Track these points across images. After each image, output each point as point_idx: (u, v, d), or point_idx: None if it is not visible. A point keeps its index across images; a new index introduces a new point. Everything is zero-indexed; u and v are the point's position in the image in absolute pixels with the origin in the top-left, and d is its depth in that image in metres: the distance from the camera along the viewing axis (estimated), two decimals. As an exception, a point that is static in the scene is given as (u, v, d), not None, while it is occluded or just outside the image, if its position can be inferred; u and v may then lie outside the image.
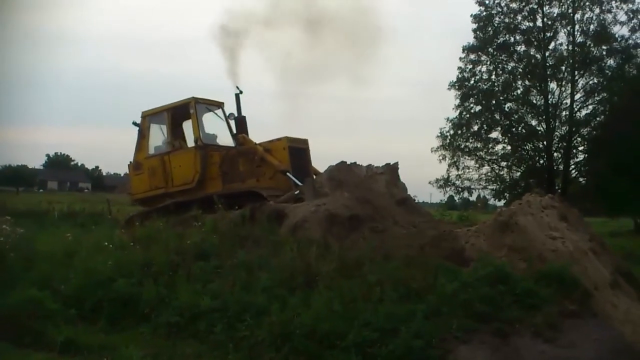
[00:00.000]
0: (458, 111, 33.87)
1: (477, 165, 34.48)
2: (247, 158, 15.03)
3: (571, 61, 32.37)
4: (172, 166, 15.61)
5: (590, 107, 33.55)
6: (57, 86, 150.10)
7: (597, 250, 9.97)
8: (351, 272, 8.87)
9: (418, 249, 9.58)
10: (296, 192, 12.87)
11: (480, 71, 34.08)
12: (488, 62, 34.03)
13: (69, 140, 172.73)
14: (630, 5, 31.98)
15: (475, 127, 34.15)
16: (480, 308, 7.71)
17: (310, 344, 7.26)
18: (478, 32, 33.52)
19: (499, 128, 34.28)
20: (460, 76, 33.96)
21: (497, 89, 33.80)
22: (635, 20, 32.13)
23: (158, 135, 16.58)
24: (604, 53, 32.76)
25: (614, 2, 32.14)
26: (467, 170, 34.38)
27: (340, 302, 7.88)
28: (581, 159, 34.52)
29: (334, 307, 7.77)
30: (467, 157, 34.30)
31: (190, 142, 16.00)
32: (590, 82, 33.33)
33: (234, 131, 16.17)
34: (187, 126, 16.35)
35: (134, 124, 16.23)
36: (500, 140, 34.48)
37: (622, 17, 32.28)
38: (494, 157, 34.50)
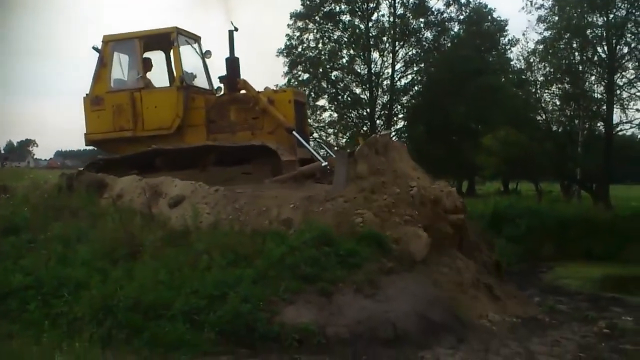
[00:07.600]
0: (287, 78, 34.38)
1: (305, 133, 35.21)
2: (243, 107, 12.80)
3: (392, 32, 33.96)
4: (143, 106, 12.99)
5: (410, 76, 35.72)
6: None
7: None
8: (178, 241, 8.67)
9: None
10: (324, 164, 11.18)
11: (307, 39, 34.76)
12: (315, 31, 34.75)
13: None
14: (446, -20, 34.24)
15: (304, 95, 34.83)
16: (306, 270, 7.90)
17: (135, 316, 7.00)
18: (305, 0, 34.00)
19: (326, 96, 35.30)
20: (288, 43, 34.41)
21: (323, 57, 34.64)
22: (450, -5, 34.53)
23: (118, 66, 13.74)
24: (422, 25, 34.83)
25: (431, -25, 34.16)
26: (296, 137, 35.04)
27: (166, 271, 7.71)
28: (401, 125, 36.68)
29: (159, 277, 7.59)
30: (295, 125, 34.93)
31: (156, 81, 13.60)
32: (410, 53, 35.38)
33: (209, 71, 14.08)
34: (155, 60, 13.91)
35: (94, 48, 13.42)
36: (327, 107, 35.60)
37: (439, -10, 34.51)
38: (322, 124, 35.55)
